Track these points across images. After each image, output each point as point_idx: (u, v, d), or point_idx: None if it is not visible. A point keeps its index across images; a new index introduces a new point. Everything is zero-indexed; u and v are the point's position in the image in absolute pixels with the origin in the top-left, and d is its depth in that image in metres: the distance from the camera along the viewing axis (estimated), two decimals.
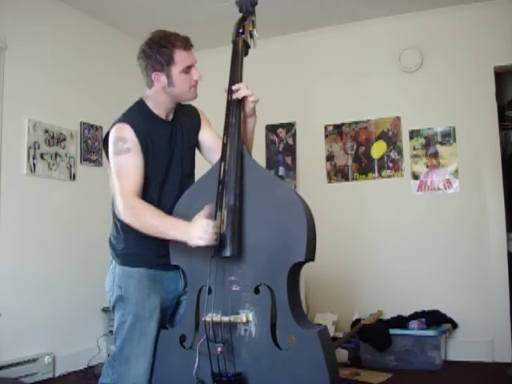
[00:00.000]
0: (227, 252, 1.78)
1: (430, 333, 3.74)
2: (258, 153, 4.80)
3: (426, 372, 3.63)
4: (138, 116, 1.93)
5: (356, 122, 4.52)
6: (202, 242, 1.72)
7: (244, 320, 1.77)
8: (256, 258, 1.80)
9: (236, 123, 1.91)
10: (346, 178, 4.52)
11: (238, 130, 1.90)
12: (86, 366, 3.93)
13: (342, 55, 4.59)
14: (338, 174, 4.55)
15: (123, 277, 1.92)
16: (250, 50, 2.12)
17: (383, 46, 4.45)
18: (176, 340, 1.87)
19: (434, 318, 3.92)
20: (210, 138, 2.10)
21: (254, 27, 2.07)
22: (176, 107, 2.03)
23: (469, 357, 3.91)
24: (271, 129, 4.82)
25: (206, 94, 2.08)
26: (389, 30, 4.44)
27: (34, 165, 3.73)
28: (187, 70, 1.92)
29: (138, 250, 1.92)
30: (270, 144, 4.82)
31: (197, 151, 2.14)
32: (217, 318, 1.77)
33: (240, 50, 2.00)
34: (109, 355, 1.95)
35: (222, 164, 1.86)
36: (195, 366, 1.76)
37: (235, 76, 1.98)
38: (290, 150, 4.74)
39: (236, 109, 1.93)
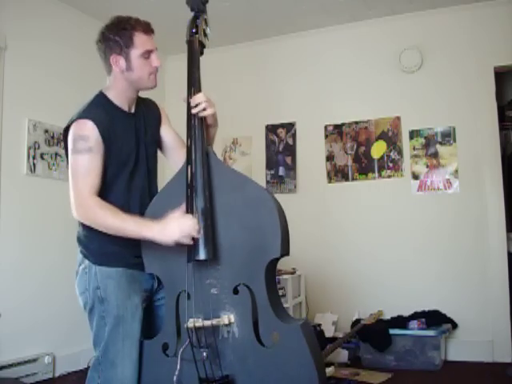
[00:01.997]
0: (202, 255, 1.75)
1: (430, 333, 3.74)
2: (258, 153, 4.81)
3: (426, 372, 3.63)
4: (100, 110, 1.84)
5: (356, 122, 4.52)
6: (182, 240, 1.71)
7: (226, 322, 1.75)
8: (232, 259, 1.79)
9: (198, 125, 1.86)
10: (346, 178, 4.52)
11: (201, 131, 1.86)
12: (86, 366, 3.92)
13: (342, 55, 4.60)
14: (338, 174, 4.55)
15: (101, 277, 1.84)
16: (258, 51, 2.11)
17: (383, 45, 4.45)
18: (159, 349, 1.84)
19: (434, 318, 3.92)
20: (171, 137, 2.06)
21: (207, 25, 2.02)
22: (137, 100, 1.98)
23: (469, 357, 3.91)
24: (271, 129, 4.81)
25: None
26: (389, 30, 4.44)
27: (34, 165, 3.73)
28: (147, 54, 1.86)
29: (114, 249, 1.85)
30: (269, 144, 4.82)
31: None
32: (199, 322, 1.75)
33: (196, 50, 1.95)
34: (93, 359, 1.90)
35: (189, 167, 1.82)
36: (176, 373, 1.74)
37: (194, 77, 1.92)
38: (290, 149, 4.74)
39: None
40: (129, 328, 1.83)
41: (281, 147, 4.78)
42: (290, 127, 4.76)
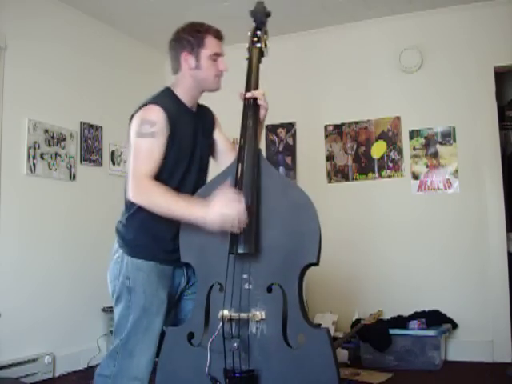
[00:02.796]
0: (245, 249, 1.79)
1: (430, 333, 3.74)
2: None
3: (426, 372, 3.63)
4: (169, 101, 1.94)
5: (356, 122, 4.52)
6: (226, 210, 1.72)
7: (259, 317, 1.79)
8: (270, 258, 1.83)
9: (253, 126, 1.96)
10: (346, 178, 4.52)
11: (255, 132, 1.95)
12: (86, 366, 3.93)
13: (342, 55, 4.60)
14: (337, 174, 4.55)
15: (132, 268, 1.89)
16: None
17: (383, 46, 4.45)
18: (183, 337, 1.86)
19: (434, 318, 3.92)
20: (223, 141, 2.16)
21: (267, 36, 2.15)
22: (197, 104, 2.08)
23: (469, 357, 3.91)
24: (271, 129, 4.82)
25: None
26: (389, 30, 4.44)
27: (34, 165, 3.73)
28: (215, 56, 1.98)
29: (146, 241, 1.92)
30: (270, 144, 4.82)
31: None
32: (234, 314, 1.79)
33: (256, 59, 2.08)
34: (111, 348, 1.93)
35: (240, 165, 1.89)
36: (207, 364, 1.76)
37: (252, 83, 2.06)
38: (290, 150, 4.74)
39: (253, 112, 2.00)
40: (152, 321, 1.88)
41: (281, 147, 4.78)
42: (289, 127, 4.76)
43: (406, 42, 4.32)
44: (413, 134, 4.32)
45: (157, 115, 1.85)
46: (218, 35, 2.01)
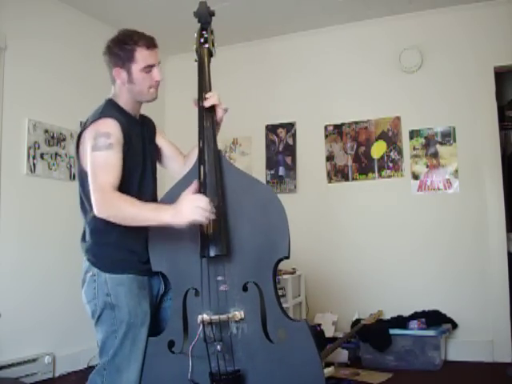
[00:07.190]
0: (217, 251, 1.79)
1: (430, 333, 3.74)
2: (258, 153, 4.81)
3: (426, 372, 3.63)
4: (117, 112, 1.92)
5: (356, 122, 4.51)
6: (196, 217, 1.67)
7: (238, 317, 1.80)
8: (242, 257, 1.84)
9: (210, 127, 1.93)
10: (345, 178, 4.52)
11: (213, 133, 1.93)
12: (86, 366, 3.92)
13: (342, 55, 4.60)
14: (338, 174, 4.55)
15: (112, 284, 1.85)
16: (258, 51, 2.14)
17: (383, 46, 4.45)
18: (164, 346, 1.85)
19: (434, 318, 3.92)
20: (168, 146, 2.16)
21: (213, 36, 2.09)
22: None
23: (469, 357, 3.91)
24: (271, 129, 4.81)
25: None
26: (389, 30, 4.44)
27: (34, 165, 3.73)
28: (148, 69, 1.93)
29: (123, 255, 1.89)
30: (270, 144, 4.82)
31: None
32: (214, 317, 1.79)
33: (205, 60, 2.02)
34: (97, 365, 1.89)
35: (202, 167, 1.87)
36: (189, 370, 1.76)
37: (204, 84, 2.00)
38: (290, 150, 4.74)
39: (209, 113, 1.96)
40: (137, 334, 1.85)
41: (281, 147, 4.78)
42: (289, 127, 4.76)
43: (406, 41, 4.32)
44: (413, 134, 4.31)
45: (111, 127, 1.82)
46: (150, 45, 1.94)
